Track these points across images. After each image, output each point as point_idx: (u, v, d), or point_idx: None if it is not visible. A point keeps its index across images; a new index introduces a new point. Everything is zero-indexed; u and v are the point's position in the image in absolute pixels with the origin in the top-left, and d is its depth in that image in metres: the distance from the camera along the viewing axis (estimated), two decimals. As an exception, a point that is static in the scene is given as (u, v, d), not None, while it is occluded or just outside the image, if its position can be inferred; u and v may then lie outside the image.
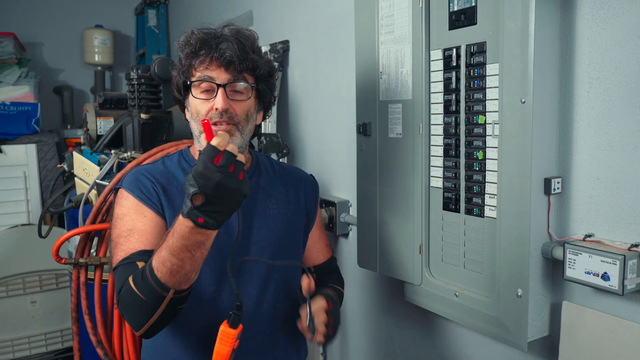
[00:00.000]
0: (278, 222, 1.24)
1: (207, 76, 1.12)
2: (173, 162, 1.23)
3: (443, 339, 1.49)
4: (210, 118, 1.11)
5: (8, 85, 3.42)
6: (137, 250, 1.08)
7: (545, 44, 1.05)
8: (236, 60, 1.11)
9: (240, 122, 1.14)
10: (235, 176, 0.88)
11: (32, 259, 2.77)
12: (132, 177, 1.18)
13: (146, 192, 1.15)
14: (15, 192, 3.25)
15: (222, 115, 1.11)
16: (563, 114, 1.10)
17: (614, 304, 1.03)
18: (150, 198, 1.14)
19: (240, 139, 1.14)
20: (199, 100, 1.14)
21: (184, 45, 1.14)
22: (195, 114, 1.15)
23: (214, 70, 1.12)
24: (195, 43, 1.12)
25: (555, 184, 1.09)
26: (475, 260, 1.24)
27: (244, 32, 1.17)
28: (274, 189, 1.27)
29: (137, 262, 1.05)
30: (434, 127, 1.31)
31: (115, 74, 4.47)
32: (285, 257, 1.25)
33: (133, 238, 1.10)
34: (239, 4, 2.59)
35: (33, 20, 4.09)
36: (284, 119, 2.16)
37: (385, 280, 1.67)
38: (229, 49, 1.11)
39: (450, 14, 1.22)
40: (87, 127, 2.10)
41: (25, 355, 2.75)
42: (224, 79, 1.12)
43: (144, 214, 1.13)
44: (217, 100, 1.11)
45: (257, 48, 1.20)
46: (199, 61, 1.12)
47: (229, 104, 1.12)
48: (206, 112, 1.12)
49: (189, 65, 1.14)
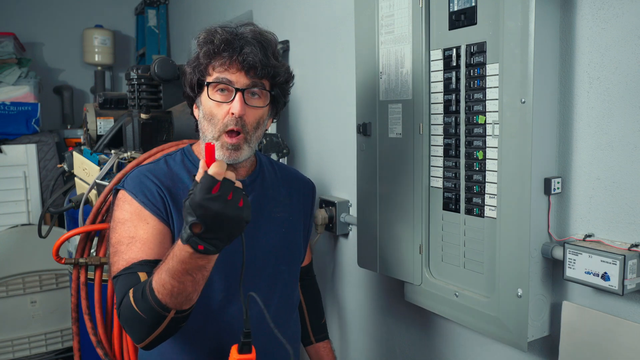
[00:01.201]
0: (282, 227, 1.24)
1: (226, 79, 1.09)
2: (177, 162, 1.19)
3: (443, 339, 1.49)
4: (226, 124, 1.09)
5: (8, 85, 3.42)
6: (139, 260, 1.04)
7: (545, 44, 1.05)
8: (258, 66, 1.08)
9: (249, 132, 1.11)
10: (234, 204, 0.85)
11: (32, 259, 2.77)
12: (136, 180, 1.13)
13: (151, 197, 1.10)
14: (15, 192, 3.25)
15: (238, 122, 1.08)
16: (563, 114, 1.10)
17: (614, 304, 1.03)
18: (155, 204, 1.10)
19: (247, 151, 1.12)
20: (214, 102, 1.10)
21: (206, 43, 1.10)
22: (209, 115, 1.11)
23: (233, 74, 1.08)
24: (220, 43, 1.08)
25: (555, 184, 1.09)
26: (475, 260, 1.24)
27: (266, 35, 1.14)
28: (278, 193, 1.26)
29: (138, 273, 1.02)
30: (434, 127, 1.31)
31: (115, 74, 4.47)
32: (289, 260, 1.25)
33: (134, 246, 1.06)
34: (239, 4, 2.59)
35: (33, 20, 4.09)
36: (284, 119, 2.16)
37: (385, 280, 1.67)
38: (252, 54, 1.07)
39: (450, 14, 1.22)
40: (87, 127, 2.10)
41: (25, 355, 2.75)
42: (243, 84, 1.09)
43: (147, 221, 1.09)
44: (234, 105, 1.08)
45: (277, 53, 1.16)
46: (220, 62, 1.09)
47: (245, 110, 1.09)
48: (223, 116, 1.09)
49: (207, 64, 1.11)
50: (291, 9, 2.09)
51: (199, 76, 1.12)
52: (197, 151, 1.22)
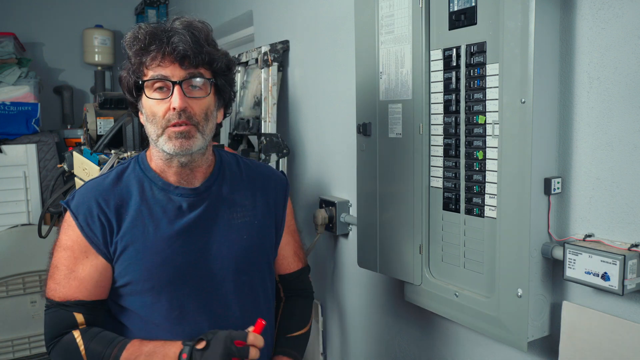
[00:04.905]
0: (243, 233, 1.16)
1: (161, 75, 1.04)
2: (128, 173, 1.14)
3: (443, 339, 1.49)
4: (169, 119, 1.04)
5: (8, 85, 3.42)
6: (75, 299, 1.07)
7: (545, 44, 1.05)
8: (191, 53, 1.03)
9: (199, 122, 1.06)
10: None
11: (32, 259, 2.77)
12: (82, 198, 1.10)
13: (93, 226, 1.07)
14: (15, 192, 3.25)
15: (181, 116, 1.03)
16: (563, 114, 1.10)
17: (614, 304, 1.03)
18: (95, 233, 1.07)
19: (201, 140, 1.07)
20: (153, 101, 1.05)
21: (132, 42, 1.05)
22: (151, 115, 1.06)
23: (167, 67, 1.04)
24: (144, 38, 1.03)
25: (555, 184, 1.09)
26: (475, 260, 1.24)
27: (196, 23, 1.09)
28: (239, 195, 1.19)
29: (74, 313, 1.07)
30: (434, 127, 1.31)
31: (115, 74, 4.46)
32: (252, 269, 1.18)
33: (72, 283, 1.08)
34: (239, 4, 2.59)
35: (33, 20, 4.08)
36: (284, 119, 2.16)
37: (385, 280, 1.67)
38: (182, 42, 1.02)
39: (450, 14, 1.22)
40: (87, 127, 2.10)
41: (25, 355, 2.75)
42: (180, 76, 1.04)
43: (87, 256, 1.08)
44: (173, 100, 1.03)
45: (211, 40, 1.11)
46: (150, 57, 1.04)
47: (187, 103, 1.04)
48: (163, 113, 1.04)
49: (140, 63, 1.06)
50: (291, 9, 2.09)
51: (135, 78, 1.08)
52: (150, 158, 1.16)
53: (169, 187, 1.12)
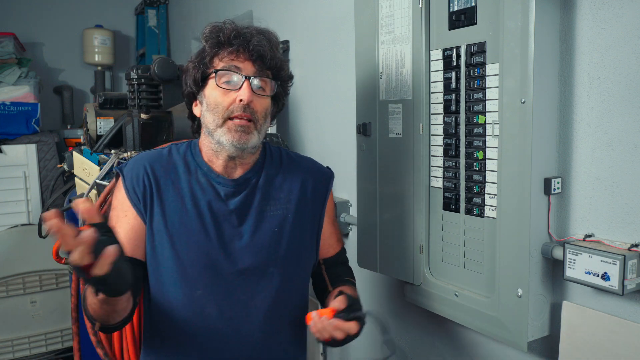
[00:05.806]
0: (274, 225, 1.18)
1: (234, 66, 1.10)
2: (179, 153, 1.21)
3: (443, 339, 1.49)
4: (232, 111, 1.09)
5: (8, 85, 3.42)
6: None
7: (545, 44, 1.05)
8: (267, 56, 1.11)
9: (259, 120, 1.12)
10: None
11: (32, 259, 2.77)
12: (132, 163, 1.18)
13: (137, 187, 1.14)
14: (15, 192, 3.25)
15: (245, 109, 1.09)
16: (563, 114, 1.10)
17: (614, 304, 1.03)
18: (137, 195, 1.14)
19: (256, 137, 1.13)
20: (220, 91, 1.10)
21: (213, 34, 1.12)
22: (213, 105, 1.11)
23: (242, 62, 1.11)
24: (230, 32, 1.11)
25: (555, 184, 1.09)
26: (475, 260, 1.24)
27: (271, 32, 1.17)
28: (275, 189, 1.21)
29: None
30: (434, 127, 1.31)
31: (115, 74, 4.46)
32: (284, 260, 1.19)
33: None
34: (239, 4, 2.59)
35: (33, 20, 4.09)
36: (284, 119, 2.16)
37: (385, 280, 1.67)
38: (261, 44, 1.11)
39: (450, 14, 1.22)
40: (87, 127, 2.10)
41: (25, 355, 2.76)
42: (251, 72, 1.11)
43: (126, 214, 1.15)
44: (241, 92, 1.09)
45: (280, 51, 1.20)
46: (229, 51, 1.11)
47: (253, 98, 1.10)
48: (228, 104, 1.09)
49: (214, 55, 1.12)
50: (291, 9, 2.09)
51: (204, 69, 1.13)
52: (202, 146, 1.20)
53: (211, 173, 1.18)
